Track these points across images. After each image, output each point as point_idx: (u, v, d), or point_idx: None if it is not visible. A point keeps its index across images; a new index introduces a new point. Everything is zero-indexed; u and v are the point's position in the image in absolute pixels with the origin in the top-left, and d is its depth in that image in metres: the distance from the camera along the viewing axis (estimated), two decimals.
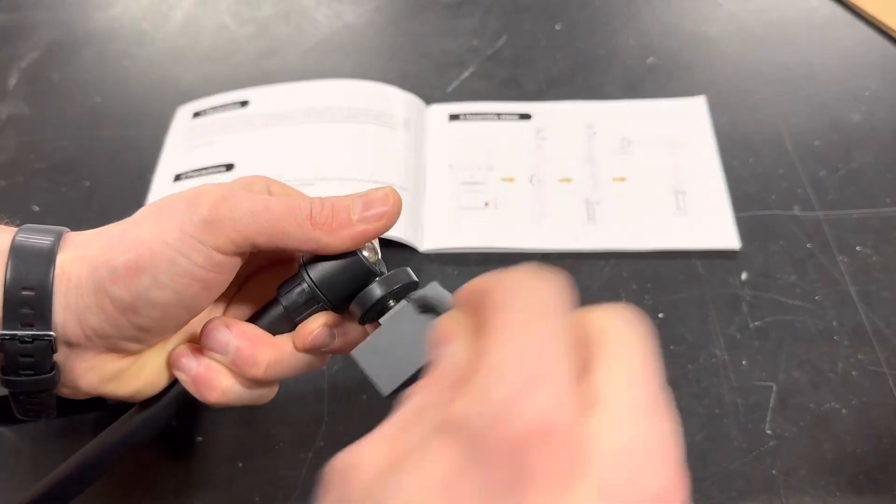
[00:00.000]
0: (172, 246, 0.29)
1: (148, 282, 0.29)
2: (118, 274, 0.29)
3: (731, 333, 0.48)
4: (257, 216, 0.30)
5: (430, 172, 0.58)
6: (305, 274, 0.31)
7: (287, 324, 0.33)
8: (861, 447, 0.43)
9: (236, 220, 0.29)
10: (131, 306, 0.29)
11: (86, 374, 0.31)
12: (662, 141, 0.59)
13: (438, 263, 0.53)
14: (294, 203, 0.30)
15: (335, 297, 0.31)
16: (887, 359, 0.47)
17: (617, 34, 0.68)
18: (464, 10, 0.71)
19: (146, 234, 0.29)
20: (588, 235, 0.54)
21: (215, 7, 0.73)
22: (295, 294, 0.31)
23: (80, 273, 0.29)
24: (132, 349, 0.32)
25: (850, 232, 0.53)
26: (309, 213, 0.30)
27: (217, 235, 0.29)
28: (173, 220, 0.29)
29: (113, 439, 0.33)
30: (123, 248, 0.29)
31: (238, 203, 0.30)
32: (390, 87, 0.61)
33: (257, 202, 0.30)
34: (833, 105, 0.61)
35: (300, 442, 0.44)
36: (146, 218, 0.31)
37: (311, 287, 0.31)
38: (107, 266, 0.29)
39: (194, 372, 0.32)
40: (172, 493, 0.43)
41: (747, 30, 0.68)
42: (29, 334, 0.29)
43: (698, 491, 0.42)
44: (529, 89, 0.64)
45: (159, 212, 0.30)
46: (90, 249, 0.30)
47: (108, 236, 0.31)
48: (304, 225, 0.30)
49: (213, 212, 0.29)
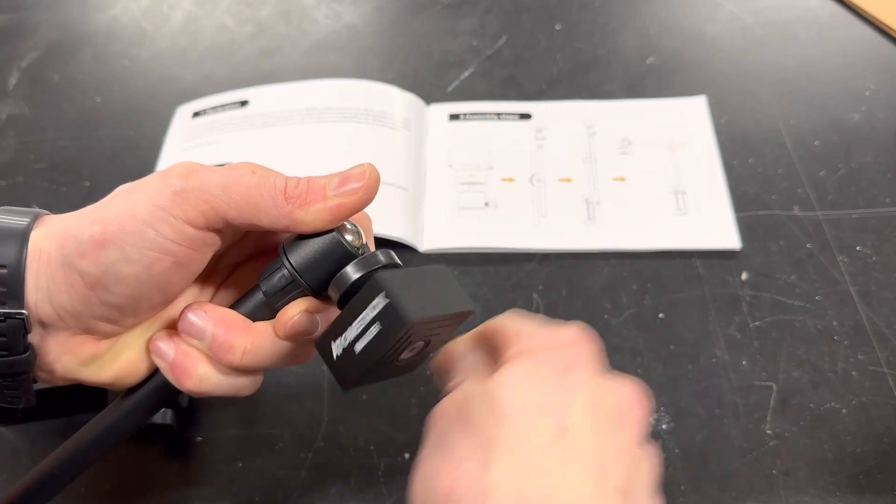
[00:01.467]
0: (141, 218, 0.28)
1: (116, 255, 0.28)
2: (85, 248, 0.28)
3: (731, 333, 0.48)
4: (229, 189, 0.29)
5: (430, 172, 0.58)
6: (285, 258, 0.30)
7: (268, 310, 0.31)
8: (861, 447, 0.43)
9: (206, 192, 0.28)
10: (99, 281, 0.29)
11: (61, 358, 0.30)
12: (662, 141, 0.59)
13: (438, 263, 0.53)
14: (269, 178, 0.30)
15: (315, 282, 0.30)
16: (887, 359, 0.47)
17: (617, 34, 0.68)
18: (464, 10, 0.71)
19: (116, 208, 0.29)
20: (588, 235, 0.54)
21: (215, 7, 0.73)
22: (275, 279, 0.30)
23: (50, 249, 0.29)
24: (106, 330, 0.31)
25: (850, 232, 0.53)
26: (283, 188, 0.29)
27: (187, 208, 0.28)
28: (144, 193, 0.29)
29: (95, 431, 0.33)
30: (91, 222, 0.29)
31: (210, 176, 0.29)
32: (390, 87, 0.61)
33: (230, 176, 0.29)
34: (833, 105, 0.61)
35: (300, 442, 0.44)
36: (119, 194, 0.30)
37: (290, 271, 0.30)
38: (75, 240, 0.29)
39: (171, 358, 0.31)
40: (172, 493, 0.43)
41: (747, 30, 0.68)
42: (1, 313, 0.28)
43: (698, 491, 0.42)
44: (529, 89, 0.64)
45: (132, 187, 0.30)
46: (60, 226, 0.30)
47: (80, 214, 0.30)
48: (277, 199, 0.29)
49: (183, 182, 0.28)
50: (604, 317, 0.50)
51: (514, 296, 0.51)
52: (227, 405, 0.46)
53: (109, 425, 0.32)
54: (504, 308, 0.50)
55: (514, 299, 0.51)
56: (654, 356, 0.48)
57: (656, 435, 0.44)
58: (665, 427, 0.44)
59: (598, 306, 0.50)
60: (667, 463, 0.43)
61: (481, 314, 0.50)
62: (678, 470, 0.43)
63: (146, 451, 0.45)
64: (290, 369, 0.48)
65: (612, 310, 0.50)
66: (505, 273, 0.52)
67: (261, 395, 0.47)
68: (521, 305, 0.50)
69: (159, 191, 0.29)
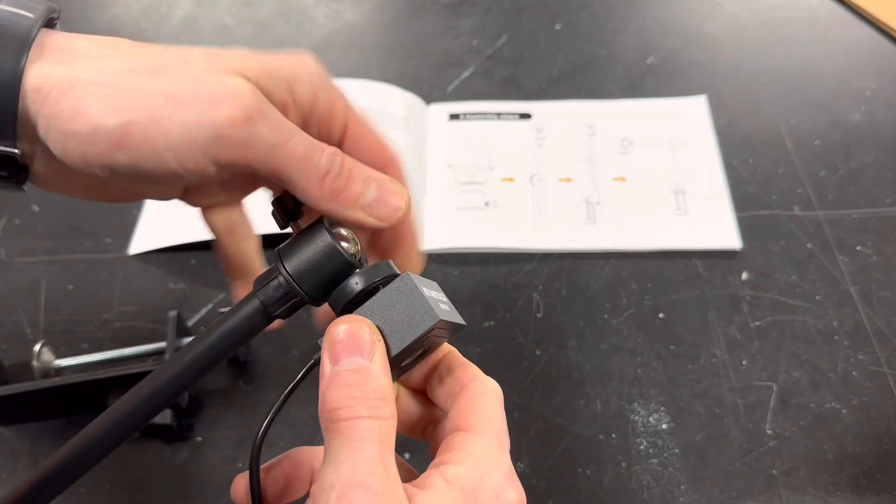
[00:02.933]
0: (169, 144, 0.26)
1: (126, 158, 0.26)
2: (97, 141, 0.26)
3: (731, 333, 0.48)
4: (274, 152, 0.27)
5: (429, 172, 0.58)
6: (282, 266, 0.30)
7: (264, 318, 0.30)
8: (861, 447, 0.43)
9: (252, 149, 0.27)
10: (102, 175, 0.27)
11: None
12: (662, 141, 0.59)
13: (438, 263, 0.53)
14: (314, 151, 0.28)
15: (313, 291, 0.30)
16: (887, 359, 0.47)
17: (617, 34, 0.68)
18: (464, 10, 0.71)
19: (148, 101, 0.26)
20: (588, 235, 0.54)
21: (215, 7, 0.73)
22: (271, 288, 0.30)
23: (61, 106, 0.26)
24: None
25: (850, 232, 0.53)
26: (325, 174, 0.28)
27: (223, 153, 0.26)
28: (187, 108, 0.26)
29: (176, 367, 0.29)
30: (114, 109, 0.26)
31: (263, 132, 0.26)
32: (390, 87, 0.61)
33: (283, 134, 0.27)
34: (833, 105, 0.61)
35: (300, 442, 0.44)
36: (164, 74, 0.27)
37: (287, 280, 0.30)
38: (88, 124, 0.26)
39: None
40: (173, 492, 0.43)
41: (747, 30, 0.68)
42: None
43: (698, 491, 0.42)
44: (529, 89, 0.64)
45: (180, 80, 0.27)
46: (81, 74, 0.26)
47: (110, 72, 0.27)
48: (314, 182, 0.28)
49: (233, 129, 0.26)
50: (604, 317, 0.50)
51: (514, 296, 0.51)
52: (227, 405, 0.46)
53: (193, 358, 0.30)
54: (504, 308, 0.51)
55: (515, 299, 0.51)
56: (654, 356, 0.48)
57: (656, 435, 0.44)
58: (665, 427, 0.44)
59: (598, 306, 0.50)
60: (667, 463, 0.43)
61: (481, 314, 0.50)
62: (678, 470, 0.43)
63: (146, 451, 0.45)
64: (290, 370, 0.48)
65: (612, 310, 0.50)
66: (505, 273, 0.52)
67: (261, 395, 0.47)
68: (521, 305, 0.50)
69: (204, 116, 0.26)
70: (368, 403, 0.24)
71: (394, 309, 0.27)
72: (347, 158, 0.29)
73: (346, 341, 0.26)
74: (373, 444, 0.24)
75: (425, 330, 0.27)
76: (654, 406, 0.45)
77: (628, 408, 0.45)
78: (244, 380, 0.47)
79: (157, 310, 0.51)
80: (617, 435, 0.44)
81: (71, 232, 0.55)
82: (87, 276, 0.53)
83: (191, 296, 0.51)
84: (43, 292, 0.52)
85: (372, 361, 0.25)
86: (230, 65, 0.27)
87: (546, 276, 0.52)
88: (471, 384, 0.28)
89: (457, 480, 0.25)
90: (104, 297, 0.52)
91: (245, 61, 0.28)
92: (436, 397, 0.29)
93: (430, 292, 0.28)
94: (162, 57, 0.27)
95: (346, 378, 0.25)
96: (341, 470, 0.23)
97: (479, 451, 0.26)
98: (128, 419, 0.30)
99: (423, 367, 0.30)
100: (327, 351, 0.26)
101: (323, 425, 0.25)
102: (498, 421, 0.27)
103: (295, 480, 0.30)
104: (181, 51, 0.28)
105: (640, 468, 0.43)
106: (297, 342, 0.48)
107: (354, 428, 0.24)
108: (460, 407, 0.27)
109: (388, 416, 0.25)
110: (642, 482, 0.42)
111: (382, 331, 0.27)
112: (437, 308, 0.27)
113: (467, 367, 0.29)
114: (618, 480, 0.43)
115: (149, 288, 0.52)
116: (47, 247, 0.54)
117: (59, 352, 0.48)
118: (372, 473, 0.23)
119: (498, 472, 0.26)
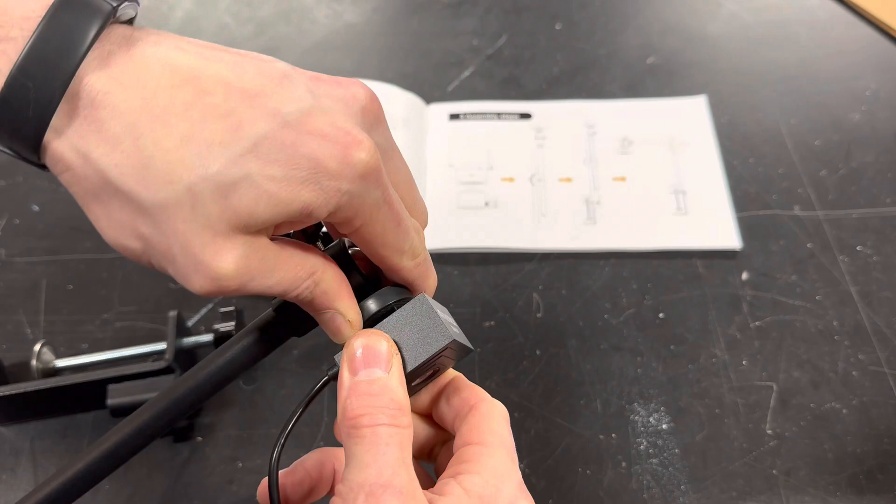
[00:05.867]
0: (177, 272, 0.25)
1: (146, 261, 0.27)
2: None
3: (732, 333, 0.48)
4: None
5: (429, 172, 0.58)
6: None
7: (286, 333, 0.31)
8: (861, 447, 0.43)
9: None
10: None
11: None
12: (663, 140, 0.59)
13: (438, 263, 0.53)
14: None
15: None
16: (887, 359, 0.47)
17: (617, 33, 0.68)
18: (464, 10, 0.71)
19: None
20: (588, 235, 0.54)
21: (215, 7, 0.73)
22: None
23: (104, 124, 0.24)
24: None
25: (850, 232, 0.53)
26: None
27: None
28: (180, 268, 0.25)
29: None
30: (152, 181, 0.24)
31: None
32: (390, 87, 0.61)
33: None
34: (833, 105, 0.61)
35: (300, 442, 0.44)
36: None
37: None
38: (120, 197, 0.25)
39: None
40: (173, 493, 0.43)
41: (748, 29, 0.68)
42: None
43: (698, 491, 0.42)
44: (529, 89, 0.64)
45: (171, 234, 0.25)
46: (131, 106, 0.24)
47: (161, 107, 0.24)
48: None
49: (216, 294, 0.25)
50: (604, 317, 0.50)
51: (514, 296, 0.51)
52: (227, 405, 0.46)
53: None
54: (504, 308, 0.51)
55: (515, 299, 0.51)
56: (654, 356, 0.48)
57: (656, 434, 0.44)
58: (665, 427, 0.44)
59: (598, 306, 0.50)
60: (667, 463, 0.43)
61: (481, 314, 0.50)
62: (678, 470, 0.43)
63: (146, 451, 0.44)
64: (290, 369, 0.48)
65: (612, 310, 0.50)
66: (505, 273, 0.52)
67: (261, 395, 0.47)
68: (521, 305, 0.50)
69: (187, 286, 0.25)
70: (388, 412, 0.25)
71: (409, 328, 0.28)
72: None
73: (366, 353, 0.26)
74: (395, 449, 0.25)
75: (439, 349, 0.27)
76: (654, 406, 0.45)
77: (628, 408, 0.45)
78: (244, 380, 0.47)
79: (157, 310, 0.51)
80: (617, 435, 0.44)
81: (71, 232, 0.55)
82: (87, 275, 0.53)
83: (191, 296, 0.51)
84: (43, 292, 0.52)
85: (389, 374, 0.26)
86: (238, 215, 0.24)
87: (546, 276, 0.52)
88: (480, 404, 0.29)
89: (473, 489, 0.26)
90: (104, 296, 0.52)
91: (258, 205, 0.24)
92: (442, 418, 0.30)
93: (444, 315, 0.29)
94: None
95: (365, 388, 0.26)
96: (367, 471, 0.24)
97: (493, 464, 0.27)
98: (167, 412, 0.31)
99: (430, 390, 0.31)
100: (346, 363, 0.27)
101: (345, 432, 0.26)
102: (507, 438, 0.28)
103: (318, 481, 0.31)
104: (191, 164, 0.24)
105: (640, 468, 0.43)
106: (298, 342, 0.48)
107: (377, 434, 0.25)
108: (471, 424, 0.28)
109: (407, 426, 0.26)
110: (642, 482, 0.43)
111: (398, 347, 0.28)
112: (451, 330, 0.28)
113: (475, 388, 0.30)
114: (618, 480, 0.43)
115: (149, 288, 0.52)
116: (47, 247, 0.54)
117: (59, 352, 0.48)
118: (397, 475, 0.24)
119: (511, 483, 0.27)
